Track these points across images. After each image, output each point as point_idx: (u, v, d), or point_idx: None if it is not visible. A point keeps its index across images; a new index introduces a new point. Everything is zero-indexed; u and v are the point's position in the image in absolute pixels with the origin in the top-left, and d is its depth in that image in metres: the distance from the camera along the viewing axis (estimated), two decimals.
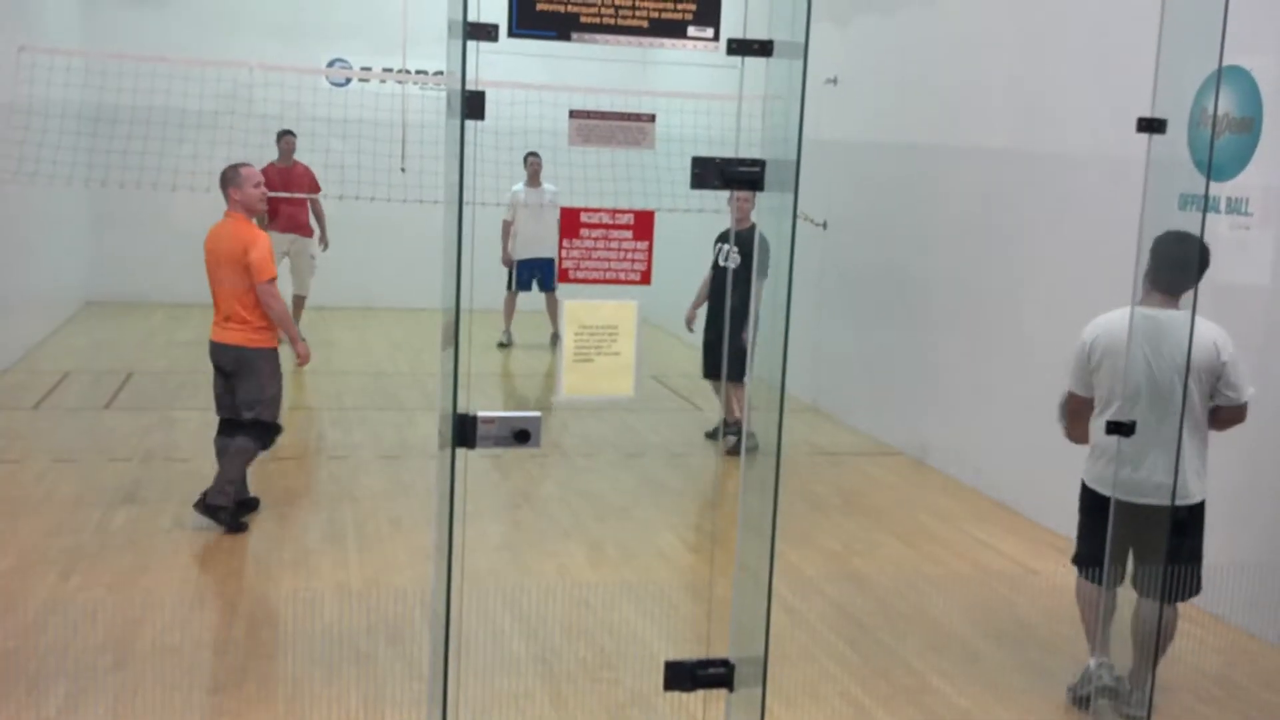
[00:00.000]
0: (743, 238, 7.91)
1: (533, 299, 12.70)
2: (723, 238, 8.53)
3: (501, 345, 12.66)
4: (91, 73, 11.98)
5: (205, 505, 6.68)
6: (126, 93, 11.29)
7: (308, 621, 5.63)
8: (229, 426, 6.79)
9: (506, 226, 12.56)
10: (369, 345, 12.51)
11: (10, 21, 10.79)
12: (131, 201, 12.75)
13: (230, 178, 6.66)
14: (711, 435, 9.13)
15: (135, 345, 12.27)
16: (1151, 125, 4.17)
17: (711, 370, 8.86)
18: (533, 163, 12.48)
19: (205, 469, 7.87)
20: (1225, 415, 4.80)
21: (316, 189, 11.97)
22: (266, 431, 6.83)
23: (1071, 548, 5.20)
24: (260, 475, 7.32)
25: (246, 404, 6.73)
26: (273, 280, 6.61)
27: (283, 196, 11.40)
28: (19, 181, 10.27)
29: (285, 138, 11.81)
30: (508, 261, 12.50)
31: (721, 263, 8.53)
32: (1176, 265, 4.57)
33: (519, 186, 12.54)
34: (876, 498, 8.05)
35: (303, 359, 7.12)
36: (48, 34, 12.03)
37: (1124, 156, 6.22)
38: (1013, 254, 7.88)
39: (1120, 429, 4.37)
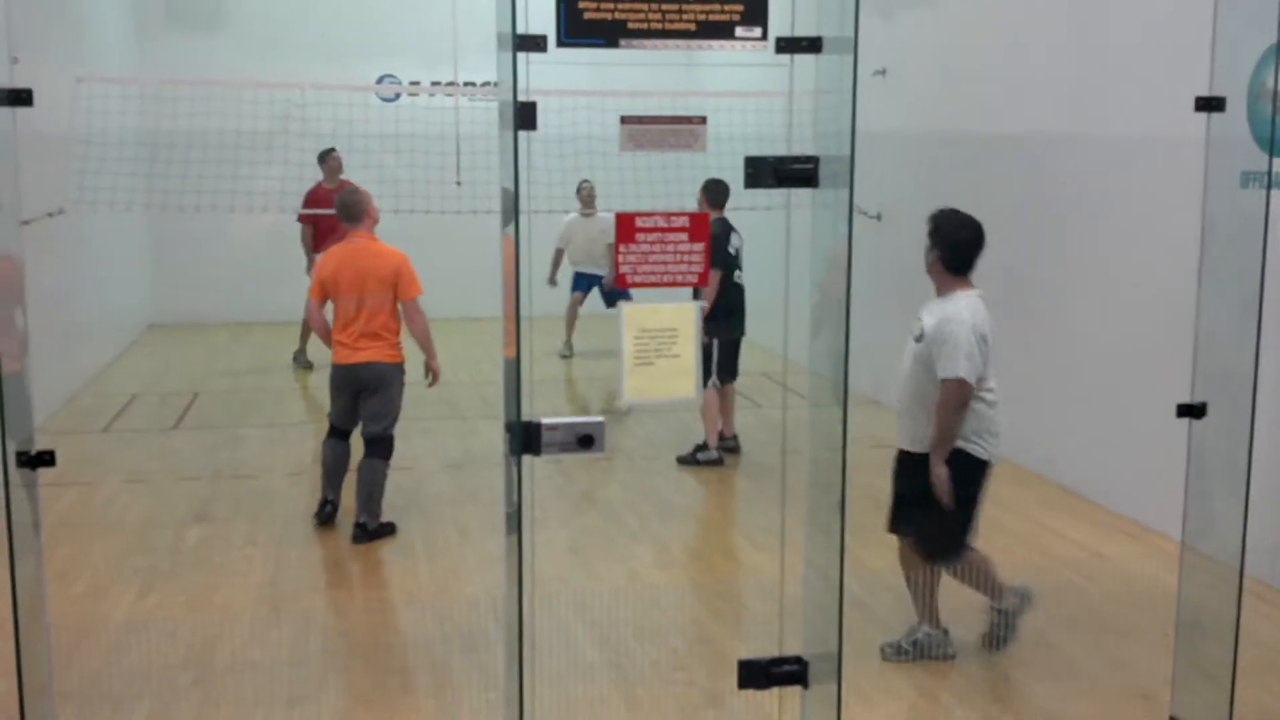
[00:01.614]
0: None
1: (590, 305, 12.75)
2: (730, 226, 8.47)
3: (564, 357, 12.71)
4: (147, 100, 12.19)
5: (366, 531, 6.82)
6: (182, 118, 11.47)
7: (382, 633, 5.68)
8: (344, 434, 7.04)
9: (558, 255, 12.60)
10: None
11: (68, 53, 10.99)
12: (190, 224, 12.94)
13: (358, 202, 6.98)
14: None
15: (199, 366, 12.45)
16: (1210, 104, 4.11)
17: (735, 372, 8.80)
18: (585, 189, 12.44)
19: (273, 485, 8.00)
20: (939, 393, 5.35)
21: None
22: (391, 443, 6.99)
23: (1146, 533, 5.14)
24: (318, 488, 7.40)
25: (378, 418, 6.91)
26: (421, 295, 6.89)
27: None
28: (81, 209, 10.46)
29: (330, 156, 11.58)
30: (553, 283, 12.49)
31: (733, 251, 8.46)
32: (970, 248, 5.39)
33: (572, 215, 12.52)
34: None
35: (436, 377, 7.24)
36: (104, 64, 12.24)
37: (1180, 137, 6.14)
38: (1070, 239, 7.80)
39: (1192, 411, 4.31)
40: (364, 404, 6.92)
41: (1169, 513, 6.59)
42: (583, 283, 12.58)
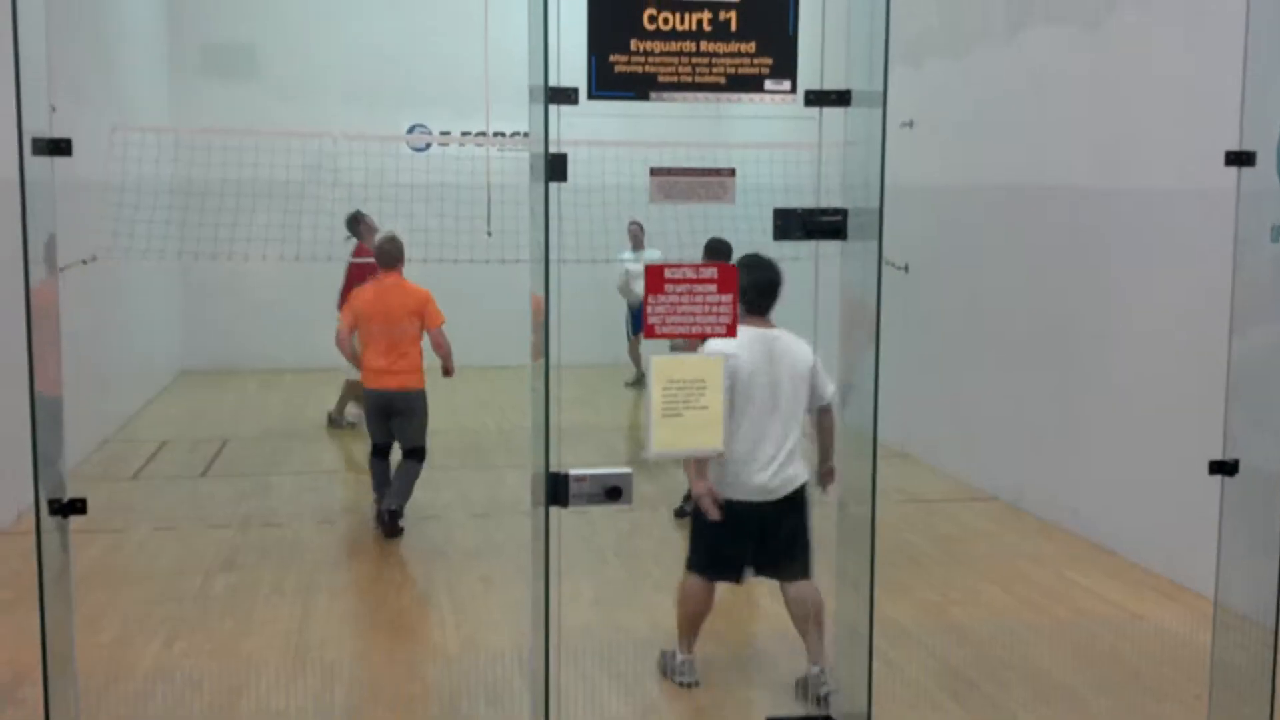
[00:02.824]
0: None
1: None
2: None
3: (629, 385, 13.40)
4: (181, 148, 12.32)
5: (394, 515, 7.82)
6: (216, 166, 11.59)
7: (407, 683, 5.65)
8: (385, 450, 8.11)
9: (630, 307, 13.21)
10: (456, 404, 12.62)
11: (103, 103, 11.14)
12: (222, 271, 13.06)
13: (397, 250, 8.08)
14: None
15: (229, 412, 12.51)
16: (1240, 158, 4.10)
17: None
18: (633, 229, 12.70)
19: (301, 533, 8.01)
20: (827, 417, 5.46)
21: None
22: (425, 450, 8.03)
23: (1178, 590, 5.07)
24: (353, 536, 7.41)
25: (414, 436, 7.96)
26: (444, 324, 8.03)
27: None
28: (115, 257, 10.56)
29: (362, 221, 11.26)
30: (647, 336, 12.72)
31: None
32: (766, 290, 5.40)
33: (627, 254, 12.76)
34: (972, 544, 7.92)
35: (450, 374, 8.16)
36: (138, 113, 12.41)
37: (1212, 189, 6.12)
38: (1100, 292, 7.76)
39: (1224, 468, 4.26)
40: (396, 425, 7.97)
41: (1202, 569, 6.52)
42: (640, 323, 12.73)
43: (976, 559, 7.56)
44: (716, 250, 8.74)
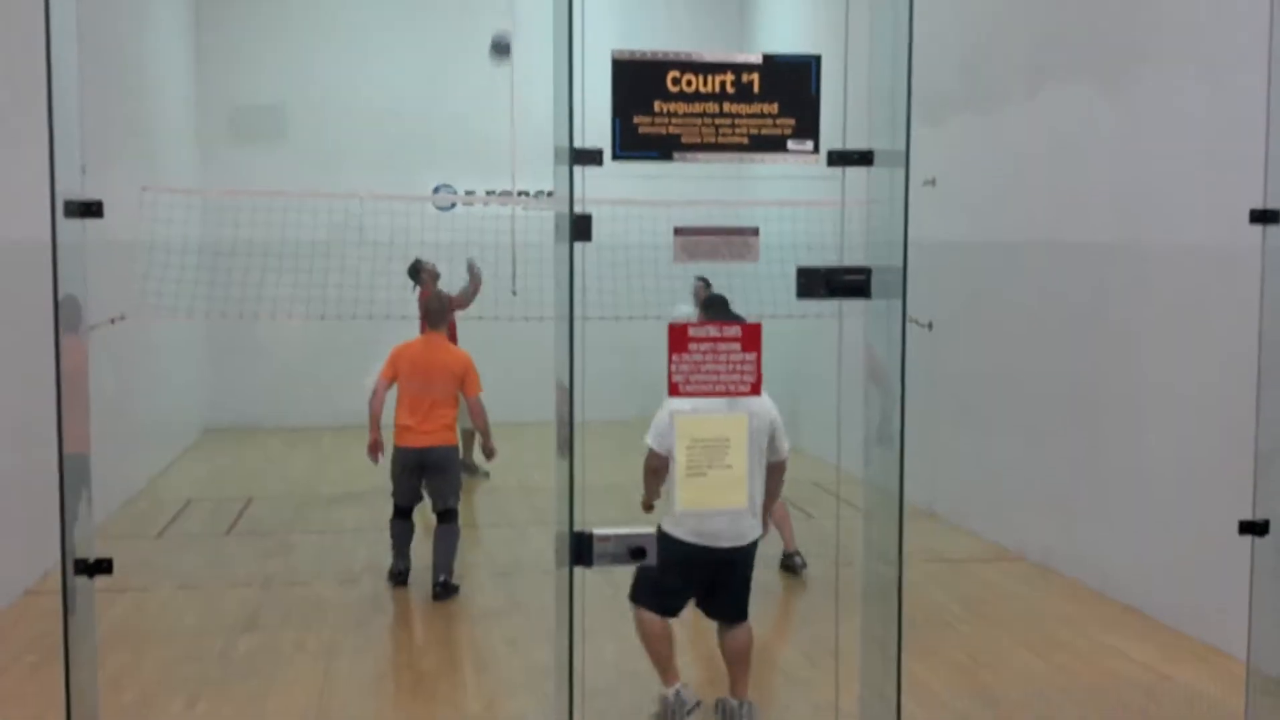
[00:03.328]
0: None
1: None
2: None
3: None
4: (209, 209, 12.47)
5: (446, 588, 7.79)
6: (244, 226, 11.72)
7: None
8: (408, 511, 8.09)
9: None
10: (479, 460, 12.61)
11: (134, 164, 11.29)
12: (247, 330, 13.16)
13: (444, 309, 8.32)
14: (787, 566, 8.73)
15: (253, 471, 12.53)
16: (1265, 216, 4.09)
17: None
18: (698, 287, 12.59)
19: (324, 592, 8.00)
20: (777, 472, 5.75)
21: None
22: (457, 512, 8.03)
23: (1209, 651, 4.99)
24: (375, 596, 7.39)
25: (447, 494, 7.97)
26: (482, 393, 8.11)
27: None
28: (143, 315, 10.66)
29: (423, 268, 11.42)
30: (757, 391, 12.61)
31: None
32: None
33: (688, 309, 12.69)
34: (1000, 606, 7.84)
35: (492, 455, 8.27)
36: (168, 174, 12.57)
37: (1237, 247, 6.10)
38: (1126, 349, 7.73)
39: (1255, 528, 4.22)
40: (430, 484, 7.99)
41: (1234, 631, 6.43)
42: None
43: (1005, 620, 7.47)
44: (718, 305, 8.58)
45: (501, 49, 12.78)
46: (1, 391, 7.33)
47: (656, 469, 5.67)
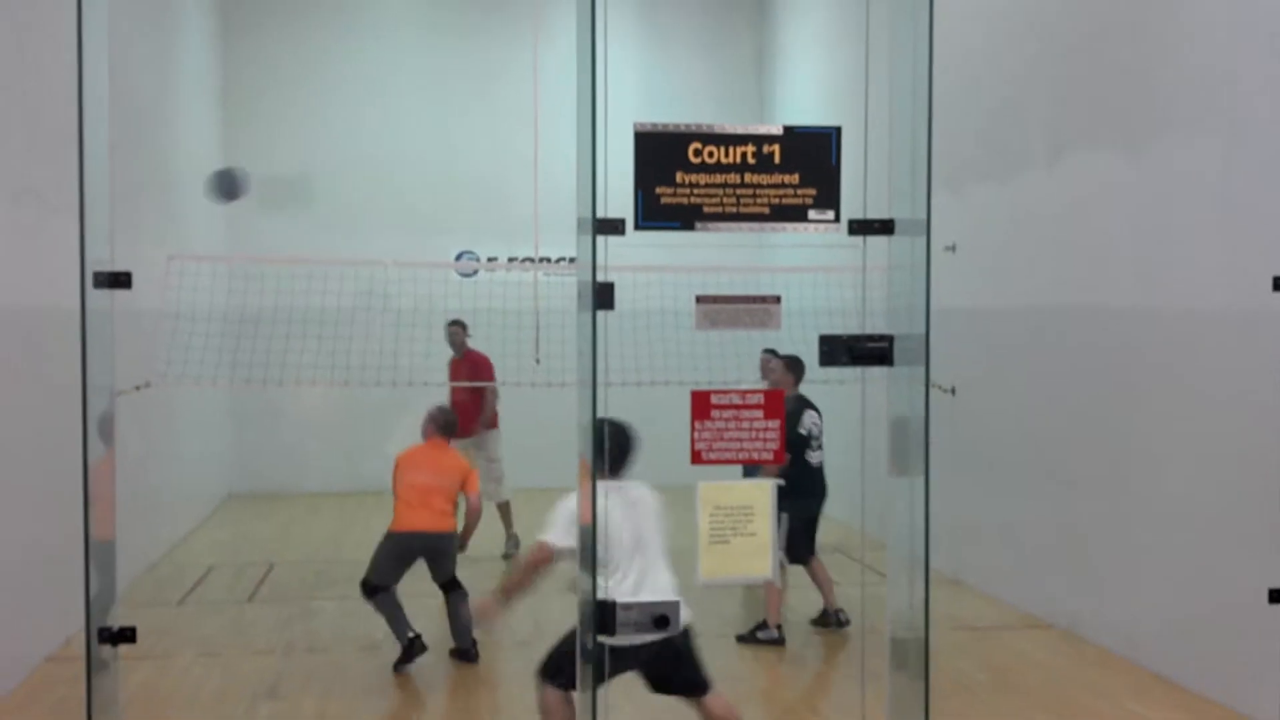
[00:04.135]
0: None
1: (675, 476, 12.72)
2: (806, 404, 8.51)
3: None
4: (235, 277, 12.57)
5: (462, 653, 7.88)
6: (269, 294, 11.81)
7: None
8: (378, 589, 7.83)
9: None
10: (498, 527, 12.58)
11: (161, 233, 11.43)
12: (270, 396, 13.21)
13: (454, 422, 8.63)
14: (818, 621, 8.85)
15: (275, 537, 12.53)
16: None
17: (802, 554, 8.70)
18: (765, 359, 12.45)
19: (345, 659, 7.95)
20: None
21: (492, 375, 11.84)
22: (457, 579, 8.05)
23: (1239, 718, 4.91)
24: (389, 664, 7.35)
25: (448, 571, 7.97)
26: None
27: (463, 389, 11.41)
28: (168, 383, 10.72)
29: (453, 327, 11.66)
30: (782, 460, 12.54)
31: (804, 432, 8.49)
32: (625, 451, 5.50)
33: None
34: (1027, 674, 7.74)
35: (464, 549, 8.43)
36: (195, 243, 12.71)
37: (1260, 311, 6.08)
38: (1150, 414, 7.68)
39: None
40: (431, 565, 7.94)
41: (1267, 700, 6.33)
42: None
43: (1032, 689, 7.38)
44: (795, 367, 8.75)
45: (226, 188, 10.47)
46: (25, 457, 7.37)
47: (539, 563, 5.60)
